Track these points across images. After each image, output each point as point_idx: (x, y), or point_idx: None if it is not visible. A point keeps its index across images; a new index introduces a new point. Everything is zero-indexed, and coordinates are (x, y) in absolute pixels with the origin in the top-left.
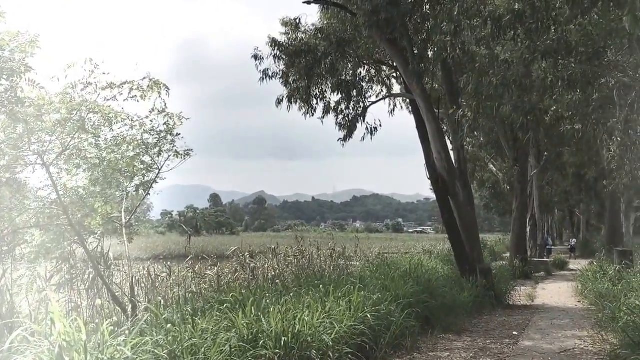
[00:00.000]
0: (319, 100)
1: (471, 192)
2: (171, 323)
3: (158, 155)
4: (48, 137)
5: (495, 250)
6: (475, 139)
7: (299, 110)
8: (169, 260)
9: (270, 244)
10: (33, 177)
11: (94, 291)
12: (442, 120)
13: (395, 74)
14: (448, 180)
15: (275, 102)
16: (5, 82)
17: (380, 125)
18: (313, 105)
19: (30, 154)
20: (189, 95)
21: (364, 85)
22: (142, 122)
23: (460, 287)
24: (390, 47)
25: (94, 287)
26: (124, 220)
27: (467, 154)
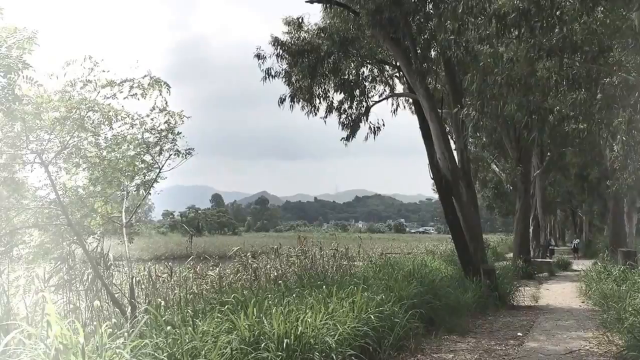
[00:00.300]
0: (321, 99)
1: (474, 192)
2: (171, 325)
3: (159, 154)
4: (47, 136)
5: (497, 251)
6: (478, 139)
7: (301, 110)
8: (171, 261)
9: (272, 244)
10: (31, 176)
11: (93, 292)
12: (445, 121)
13: (398, 73)
14: (451, 180)
15: (278, 101)
16: (2, 80)
17: (383, 125)
18: (316, 104)
19: (28, 152)
20: (191, 96)
21: (366, 85)
22: (143, 121)
23: (463, 288)
24: (393, 47)
25: (93, 288)
26: (124, 220)
27: (469, 154)
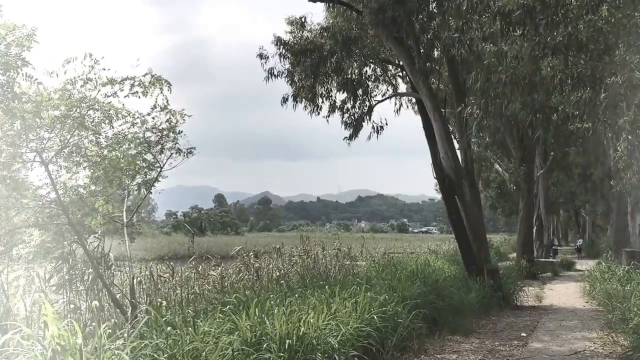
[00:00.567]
0: (324, 99)
1: (478, 192)
2: (172, 326)
3: (160, 153)
4: (47, 134)
5: (500, 251)
6: (481, 139)
7: (304, 109)
8: (174, 261)
9: (275, 244)
10: (31, 175)
11: (94, 292)
12: (448, 120)
13: (401, 73)
14: (455, 179)
15: (281, 101)
16: (1, 77)
17: (386, 124)
18: (318, 104)
19: (28, 151)
20: (194, 96)
21: (369, 84)
22: (144, 119)
23: (467, 288)
24: (396, 46)
25: (94, 288)
26: (125, 220)
27: (473, 154)
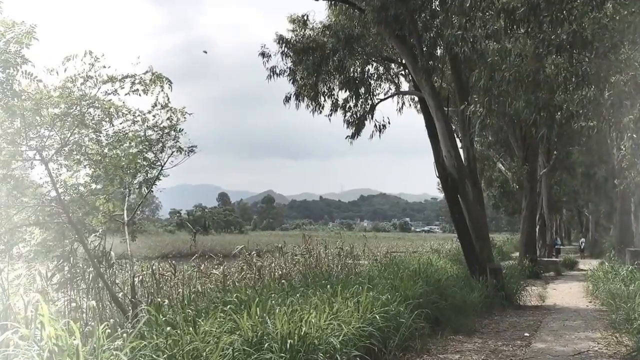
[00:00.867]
0: (326, 97)
1: (481, 190)
2: (172, 325)
3: (161, 152)
4: (47, 132)
5: (503, 250)
6: (484, 138)
7: (306, 108)
8: (178, 259)
9: (277, 243)
10: (32, 173)
11: (95, 291)
12: (451, 119)
13: (403, 71)
14: (457, 178)
15: (283, 99)
16: (0, 75)
17: (388, 123)
18: (321, 102)
19: (28, 149)
20: (198, 95)
21: (372, 83)
22: (145, 118)
23: (470, 287)
24: (399, 44)
25: (96, 287)
26: (125, 218)
27: (475, 153)
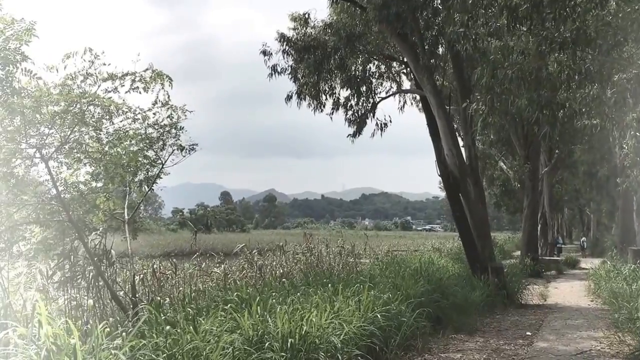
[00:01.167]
0: (328, 96)
1: (482, 189)
2: (171, 324)
3: (161, 150)
4: (47, 130)
5: (505, 249)
6: (486, 137)
7: (308, 107)
8: (180, 257)
9: (279, 241)
10: (32, 171)
11: (96, 289)
12: (452, 118)
13: (405, 69)
14: (459, 177)
15: (285, 98)
16: (0, 72)
17: (390, 121)
18: (322, 101)
19: (27, 147)
20: (200, 95)
21: (373, 81)
22: (145, 115)
23: (471, 286)
24: (400, 43)
25: (95, 285)
26: (126, 217)
27: (477, 151)
